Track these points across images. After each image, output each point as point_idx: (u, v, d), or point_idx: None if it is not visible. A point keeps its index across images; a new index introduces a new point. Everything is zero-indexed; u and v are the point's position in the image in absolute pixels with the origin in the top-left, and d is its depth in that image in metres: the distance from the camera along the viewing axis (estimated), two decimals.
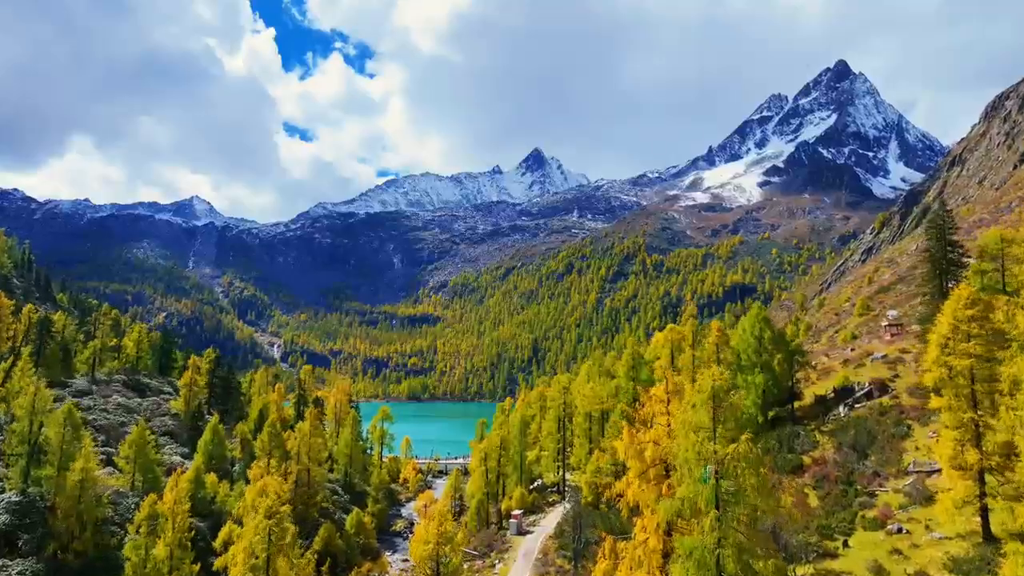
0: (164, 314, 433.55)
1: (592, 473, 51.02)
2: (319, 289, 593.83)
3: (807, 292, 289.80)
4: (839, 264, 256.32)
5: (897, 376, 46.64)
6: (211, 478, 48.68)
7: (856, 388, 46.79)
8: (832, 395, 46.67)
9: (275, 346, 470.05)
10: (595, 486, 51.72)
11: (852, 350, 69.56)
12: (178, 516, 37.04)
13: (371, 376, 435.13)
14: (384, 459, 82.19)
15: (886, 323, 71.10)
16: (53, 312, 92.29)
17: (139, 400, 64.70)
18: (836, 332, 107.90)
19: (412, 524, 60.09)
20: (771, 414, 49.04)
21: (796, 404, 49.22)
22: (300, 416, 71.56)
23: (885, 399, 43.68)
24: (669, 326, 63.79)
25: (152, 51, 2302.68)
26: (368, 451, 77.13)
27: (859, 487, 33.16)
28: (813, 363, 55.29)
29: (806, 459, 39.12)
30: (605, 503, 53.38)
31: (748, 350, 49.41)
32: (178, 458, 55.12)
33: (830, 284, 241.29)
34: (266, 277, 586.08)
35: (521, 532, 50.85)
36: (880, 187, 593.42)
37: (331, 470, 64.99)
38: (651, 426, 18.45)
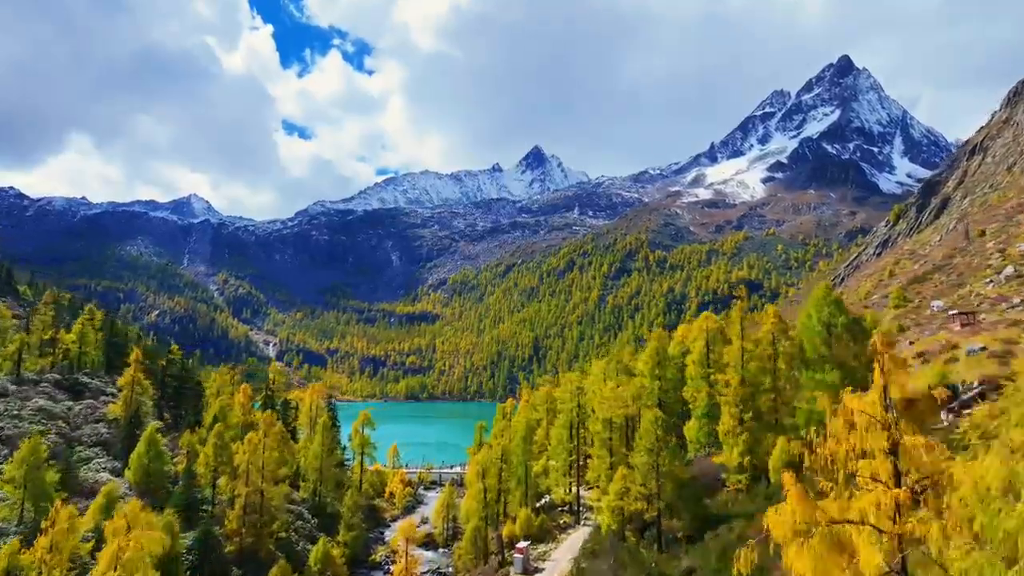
0: (156, 312, 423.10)
1: (616, 495, 40.52)
2: (316, 287, 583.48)
3: (810, 287, 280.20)
4: (852, 258, 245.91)
5: (1014, 374, 36.12)
6: (132, 504, 38.08)
7: (960, 388, 36.25)
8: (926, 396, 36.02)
9: (271, 344, 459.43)
10: (620, 511, 41.33)
11: (910, 343, 59.36)
12: (55, 569, 26.49)
13: (368, 375, 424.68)
14: (368, 469, 71.57)
15: (954, 311, 60.77)
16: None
17: (70, 404, 54.07)
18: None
19: (394, 554, 49.68)
20: None
21: None
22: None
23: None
24: (704, 314, 53.37)
25: (151, 49, 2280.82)
26: (347, 462, 66.58)
27: None
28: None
29: None
30: (632, 531, 43.04)
31: (815, 340, 38.94)
32: (105, 475, 44.67)
33: (844, 278, 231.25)
34: (262, 275, 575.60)
35: (528, 571, 40.40)
36: (887, 183, 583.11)
37: (298, 488, 54.55)
38: (852, 483, 8.22)
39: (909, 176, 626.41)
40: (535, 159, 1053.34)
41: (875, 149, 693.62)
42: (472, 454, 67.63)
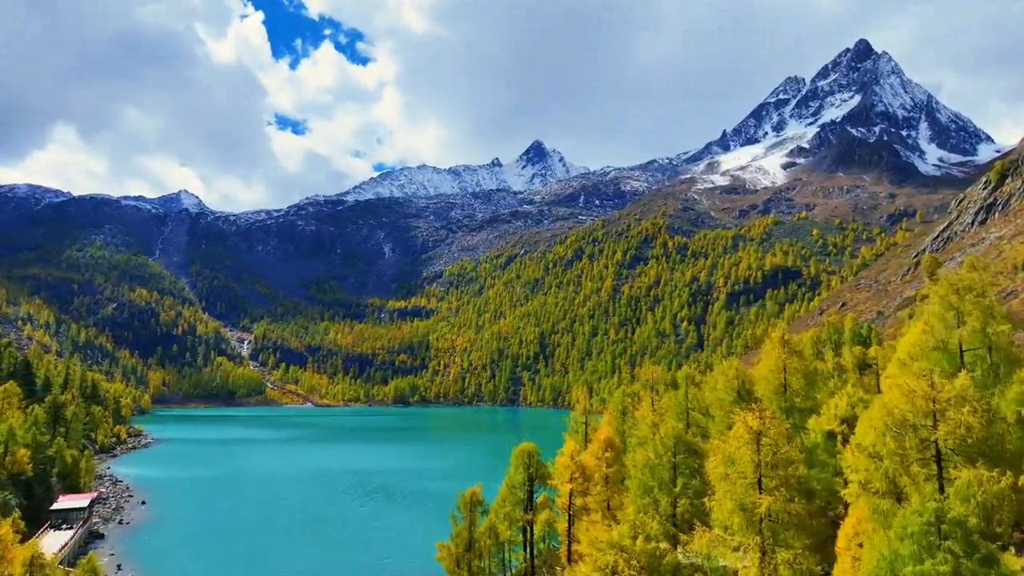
0: (114, 305, 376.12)
1: None
2: (300, 280, 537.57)
3: (879, 269, 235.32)
4: (941, 230, 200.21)
5: None
6: None
7: None
8: None
9: (245, 342, 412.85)
10: None
11: None
12: None
13: (353, 376, 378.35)
14: None
15: None
16: None
17: None
18: None
19: None
20: None
21: None
22: None
23: None
24: None
25: (135, 32, 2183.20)
26: None
27: None
28: None
29: None
30: None
31: None
32: None
33: (929, 253, 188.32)
34: (241, 267, 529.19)
35: None
36: (924, 165, 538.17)
37: None
38: None
39: (942, 161, 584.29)
40: (536, 153, 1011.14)
41: (903, 133, 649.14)
42: None
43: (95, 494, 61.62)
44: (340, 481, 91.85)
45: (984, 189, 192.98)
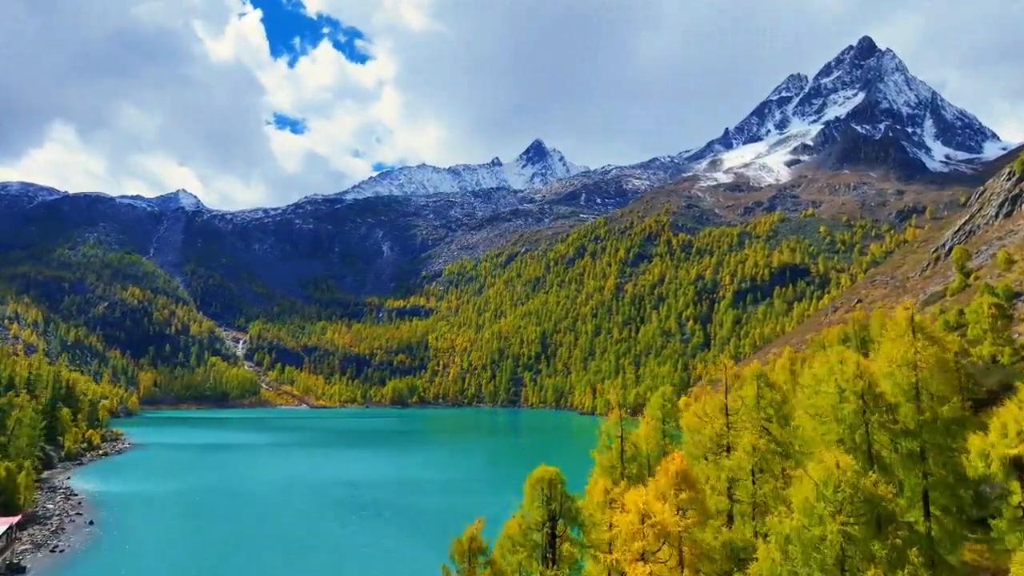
0: (105, 304, 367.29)
1: None
2: (297, 279, 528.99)
3: (895, 265, 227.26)
4: (962, 223, 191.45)
5: None
6: None
7: None
8: None
9: (240, 342, 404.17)
10: None
11: None
12: None
13: (350, 376, 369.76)
14: None
15: None
16: None
17: None
18: None
19: None
20: None
21: None
22: None
23: None
24: None
25: (133, 29, 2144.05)
26: None
27: None
28: None
29: None
30: None
31: None
32: None
33: (949, 247, 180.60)
34: (238, 266, 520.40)
35: None
36: (931, 162, 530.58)
37: None
38: None
39: (949, 158, 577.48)
40: (536, 153, 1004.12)
41: (908, 130, 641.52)
42: None
43: (19, 517, 52.49)
44: (327, 494, 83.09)
45: (1008, 181, 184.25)
